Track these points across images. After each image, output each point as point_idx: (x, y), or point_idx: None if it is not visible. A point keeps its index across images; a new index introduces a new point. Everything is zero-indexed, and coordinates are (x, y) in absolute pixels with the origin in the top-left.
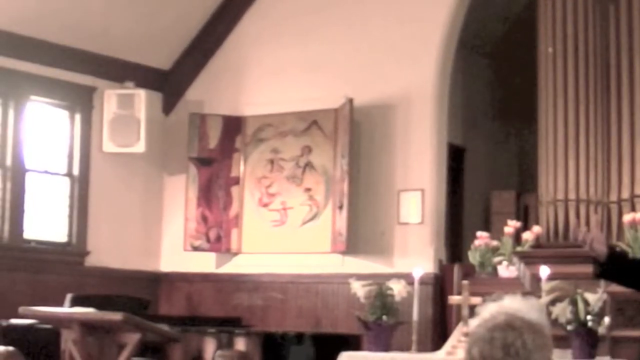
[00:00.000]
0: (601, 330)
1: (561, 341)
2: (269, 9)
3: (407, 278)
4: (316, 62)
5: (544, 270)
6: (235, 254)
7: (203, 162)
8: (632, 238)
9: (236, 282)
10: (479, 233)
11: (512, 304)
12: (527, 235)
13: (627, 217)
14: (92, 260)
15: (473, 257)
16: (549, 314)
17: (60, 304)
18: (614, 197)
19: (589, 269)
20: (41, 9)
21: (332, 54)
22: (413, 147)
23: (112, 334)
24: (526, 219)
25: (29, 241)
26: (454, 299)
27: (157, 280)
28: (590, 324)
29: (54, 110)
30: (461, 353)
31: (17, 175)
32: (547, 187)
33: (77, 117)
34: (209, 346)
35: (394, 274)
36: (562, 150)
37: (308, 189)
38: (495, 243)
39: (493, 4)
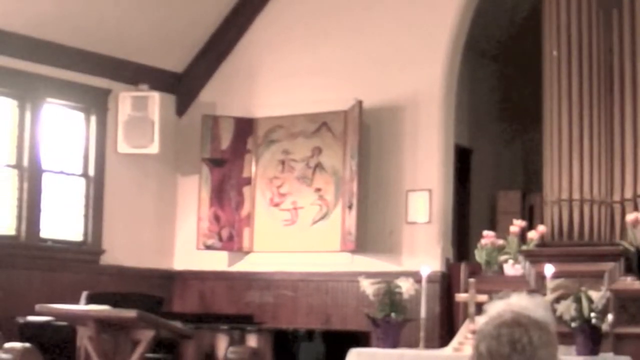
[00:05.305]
0: (604, 327)
1: (565, 338)
2: (280, 13)
3: (415, 276)
4: (326, 65)
5: (549, 269)
6: (247, 252)
7: (215, 162)
8: (635, 237)
9: (248, 280)
10: (485, 232)
11: (519, 302)
12: (532, 234)
13: (630, 217)
14: (107, 259)
15: (479, 255)
16: (554, 311)
17: (76, 301)
18: (617, 197)
19: (592, 267)
20: (57, 13)
21: (342, 57)
22: (421, 148)
23: (126, 330)
24: (531, 218)
25: (45, 240)
26: (460, 296)
27: (170, 278)
28: (593, 321)
29: (70, 112)
30: (468, 349)
31: (34, 175)
32: (552, 187)
33: (93, 118)
34: (222, 343)
35: (402, 272)
36: (566, 151)
37: (318, 189)
38: (501, 242)
39: (499, 9)
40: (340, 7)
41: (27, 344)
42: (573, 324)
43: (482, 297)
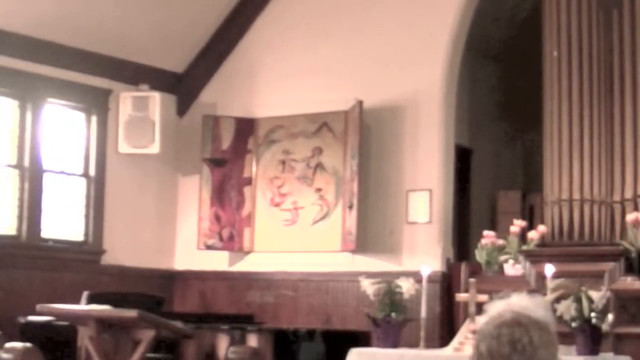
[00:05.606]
0: (605, 327)
1: (565, 338)
2: (281, 13)
3: (416, 276)
4: (326, 65)
5: (549, 269)
6: (248, 252)
7: (216, 162)
8: (635, 237)
9: (248, 280)
10: (485, 232)
11: (519, 302)
12: (532, 234)
13: (630, 217)
14: (107, 259)
15: (480, 255)
16: (554, 311)
17: (76, 301)
18: (617, 197)
19: (592, 267)
20: (57, 13)
21: (342, 57)
22: (421, 148)
23: (127, 330)
24: (531, 218)
25: (46, 240)
26: (461, 296)
27: (171, 278)
28: (594, 321)
29: (71, 112)
30: (468, 349)
31: (35, 175)
32: (552, 187)
33: (93, 118)
34: (222, 342)
35: (403, 272)
36: (566, 151)
37: (319, 189)
38: (501, 242)
39: (499, 9)
40: (340, 8)
41: (28, 344)
42: (573, 324)
43: (483, 297)
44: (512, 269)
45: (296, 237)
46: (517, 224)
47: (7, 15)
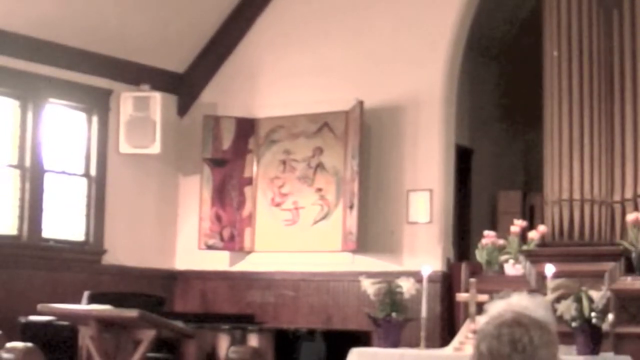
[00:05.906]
0: (605, 326)
1: (566, 337)
2: (282, 14)
3: (416, 276)
4: (327, 65)
5: (549, 269)
6: (249, 252)
7: (217, 163)
8: (635, 237)
9: (249, 279)
10: (486, 232)
11: (519, 302)
12: (532, 234)
13: (630, 217)
14: (108, 259)
15: (480, 255)
16: (554, 311)
17: (77, 301)
18: (617, 197)
19: (592, 267)
20: (58, 13)
21: (343, 57)
22: (422, 148)
23: (128, 330)
24: (532, 218)
25: (47, 240)
26: (461, 296)
27: (172, 278)
28: (594, 320)
29: (72, 113)
30: (469, 349)
31: (36, 175)
32: (553, 187)
33: (94, 119)
34: (223, 342)
35: (403, 272)
36: (567, 151)
37: (319, 189)
38: (501, 242)
39: (500, 9)
40: (340, 8)
41: (29, 344)
42: (573, 324)
43: (483, 297)
44: (513, 268)
45: (297, 237)
46: (518, 224)
47: (8, 15)
